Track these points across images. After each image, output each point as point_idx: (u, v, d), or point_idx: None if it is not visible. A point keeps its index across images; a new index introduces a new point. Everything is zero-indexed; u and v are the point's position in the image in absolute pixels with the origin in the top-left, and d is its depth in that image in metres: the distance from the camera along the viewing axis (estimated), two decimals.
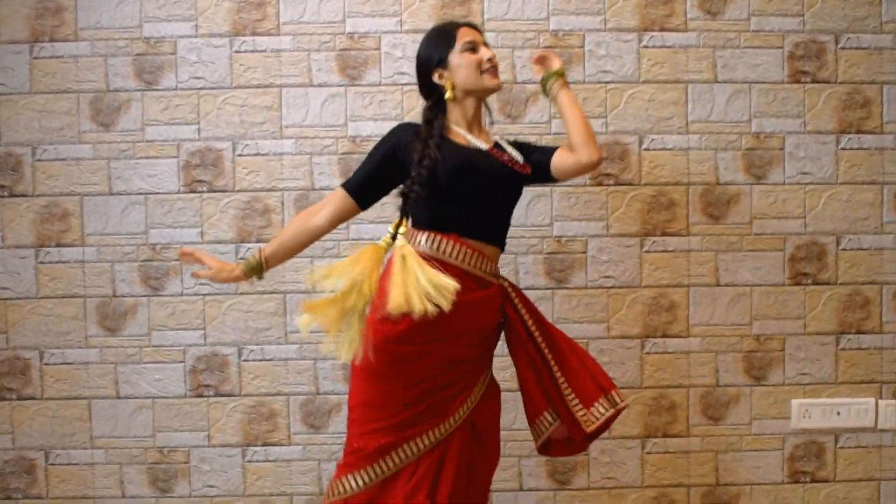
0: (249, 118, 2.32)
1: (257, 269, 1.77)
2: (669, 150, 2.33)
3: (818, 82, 2.32)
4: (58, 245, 2.32)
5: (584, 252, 2.33)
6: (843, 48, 2.32)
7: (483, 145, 1.75)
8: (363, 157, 1.80)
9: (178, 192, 2.33)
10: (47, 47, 2.30)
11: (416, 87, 1.85)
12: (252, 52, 2.32)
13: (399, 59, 2.32)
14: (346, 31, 2.32)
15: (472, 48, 1.75)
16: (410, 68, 2.28)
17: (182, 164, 2.33)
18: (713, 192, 2.33)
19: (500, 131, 2.28)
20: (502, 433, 1.84)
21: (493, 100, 2.25)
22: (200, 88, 2.32)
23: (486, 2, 2.32)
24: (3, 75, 2.29)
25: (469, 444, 1.71)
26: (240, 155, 2.33)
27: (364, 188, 1.75)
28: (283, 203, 2.33)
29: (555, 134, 2.31)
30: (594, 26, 2.32)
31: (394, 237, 1.70)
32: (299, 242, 1.77)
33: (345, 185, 1.76)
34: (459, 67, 1.74)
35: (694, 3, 2.32)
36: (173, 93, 2.32)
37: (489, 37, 2.29)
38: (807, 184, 2.33)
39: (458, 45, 1.76)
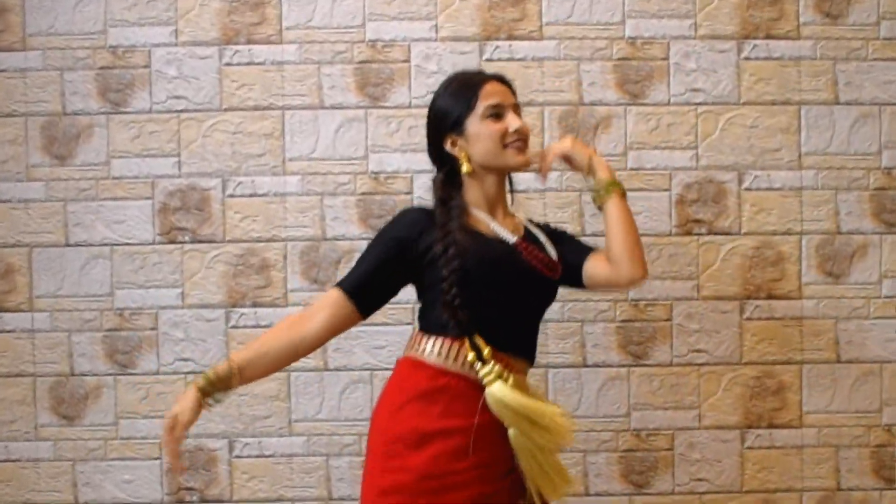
0: (244, 149, 1.94)
1: (224, 382, 1.35)
2: (777, 189, 1.91)
3: None
4: (0, 310, 1.91)
5: (668, 319, 1.89)
6: None
7: (509, 236, 1.47)
8: (387, 198, 1.57)
9: (153, 244, 1.95)
10: None
11: None
12: (247, 64, 1.94)
13: (433, 73, 1.92)
14: (367, 38, 1.93)
15: (497, 114, 1.47)
16: None
17: (158, 208, 1.94)
18: (832, 244, 1.90)
19: (563, 167, 1.87)
20: None
21: (551, 121, 1.98)
22: (182, 111, 1.94)
23: (546, 1, 1.87)
24: None
25: None
26: (231, 196, 1.93)
27: (366, 290, 1.43)
28: (285, 257, 1.91)
29: (631, 169, 1.89)
30: (682, 32, 1.91)
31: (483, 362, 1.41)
32: (283, 356, 1.41)
33: (341, 285, 1.44)
34: (478, 137, 1.48)
35: (809, 2, 1.89)
36: (147, 116, 1.95)
37: (547, 46, 1.92)
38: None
39: (481, 107, 1.48)
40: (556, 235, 1.53)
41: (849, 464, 1.89)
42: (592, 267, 1.47)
